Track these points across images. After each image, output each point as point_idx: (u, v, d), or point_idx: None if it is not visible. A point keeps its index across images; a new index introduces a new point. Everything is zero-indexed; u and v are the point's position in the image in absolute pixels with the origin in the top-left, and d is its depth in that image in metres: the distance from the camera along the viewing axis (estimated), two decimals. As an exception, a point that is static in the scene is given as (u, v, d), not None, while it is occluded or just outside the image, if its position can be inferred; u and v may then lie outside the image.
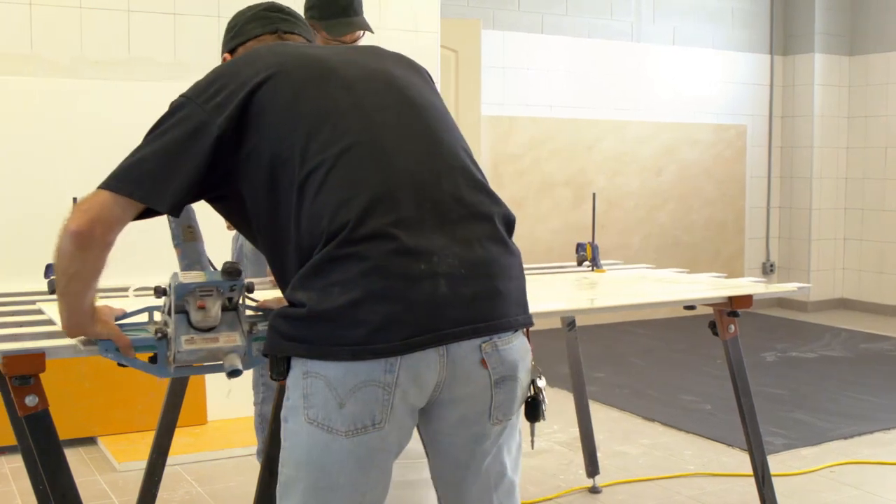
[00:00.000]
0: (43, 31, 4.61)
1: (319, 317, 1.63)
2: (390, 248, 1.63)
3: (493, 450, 1.82)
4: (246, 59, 1.86)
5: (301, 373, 1.66)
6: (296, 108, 1.75)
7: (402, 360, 1.63)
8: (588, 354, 4.84)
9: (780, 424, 4.86)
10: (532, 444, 2.04)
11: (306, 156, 1.70)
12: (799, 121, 8.70)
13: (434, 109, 1.87)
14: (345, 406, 1.63)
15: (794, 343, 7.17)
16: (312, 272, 1.65)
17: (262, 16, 2.10)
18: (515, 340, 1.79)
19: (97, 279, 1.77)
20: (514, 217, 1.84)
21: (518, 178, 7.53)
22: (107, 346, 1.91)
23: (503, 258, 1.76)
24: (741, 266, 8.68)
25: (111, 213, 1.70)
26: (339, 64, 1.85)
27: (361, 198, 1.66)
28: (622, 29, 7.95)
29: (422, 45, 5.49)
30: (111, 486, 3.93)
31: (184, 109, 1.76)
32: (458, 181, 1.77)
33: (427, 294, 1.64)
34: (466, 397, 1.74)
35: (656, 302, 3.09)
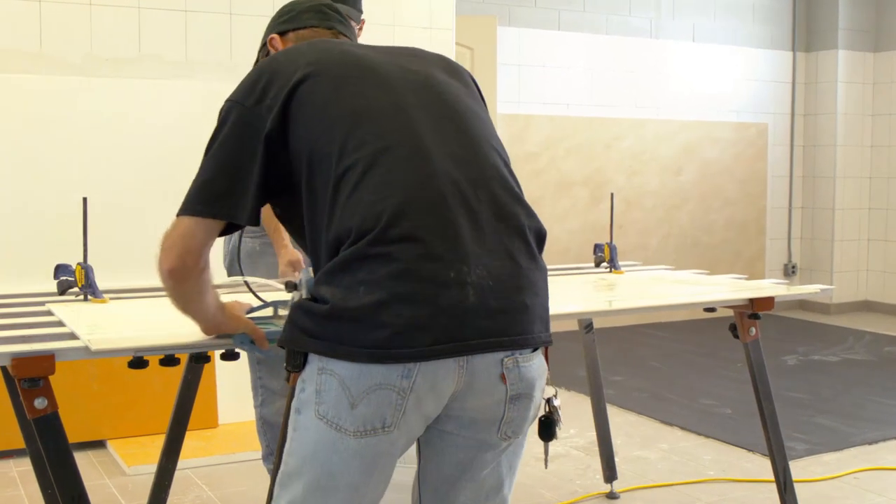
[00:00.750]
0: (52, 29, 4.58)
1: (343, 315, 1.61)
2: (421, 253, 1.62)
3: (493, 462, 1.80)
4: (287, 55, 1.85)
5: (317, 368, 1.64)
6: (335, 104, 1.74)
7: (420, 366, 1.61)
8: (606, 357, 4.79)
9: (801, 429, 4.78)
10: (546, 464, 2.04)
11: (344, 153, 1.69)
12: (822, 119, 8.60)
13: (474, 115, 1.86)
14: (356, 407, 1.61)
15: (816, 346, 7.09)
16: (339, 268, 1.63)
17: (320, 9, 2.11)
18: (536, 358, 1.77)
19: (209, 291, 1.82)
20: (545, 231, 1.82)
21: (535, 177, 7.47)
22: (242, 339, 1.98)
23: (532, 273, 1.74)
24: (762, 267, 8.59)
25: (196, 239, 1.72)
26: (380, 64, 1.84)
27: (396, 198, 1.64)
28: (641, 25, 7.87)
29: (437, 42, 5.44)
30: (120, 490, 3.90)
31: (234, 115, 1.76)
32: (495, 190, 1.75)
33: (454, 302, 1.62)
34: (479, 408, 1.72)
35: (676, 304, 3.03)
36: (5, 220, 4.39)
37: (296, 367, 1.68)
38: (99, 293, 2.67)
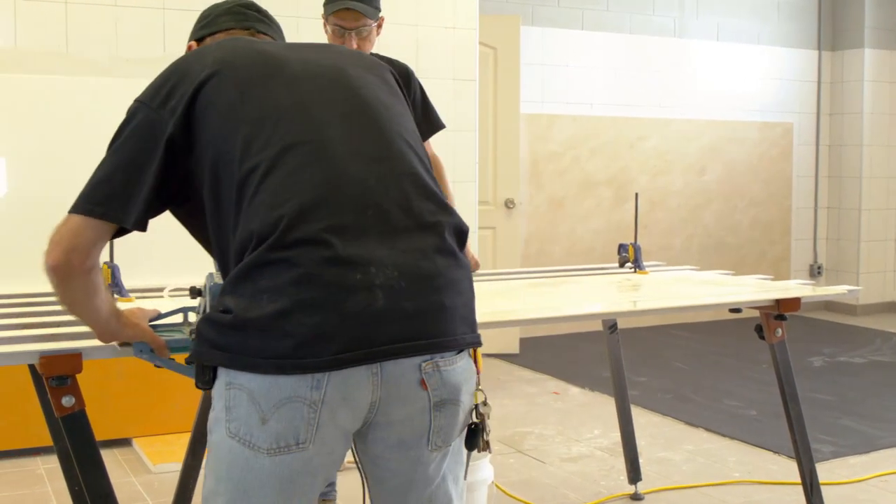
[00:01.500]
0: (78, 30, 4.61)
1: (246, 325, 1.54)
2: (324, 256, 1.54)
3: (436, 478, 1.71)
4: (195, 55, 1.79)
5: (225, 383, 1.58)
6: (239, 105, 1.68)
7: (329, 376, 1.53)
8: (630, 358, 4.78)
9: (827, 431, 4.75)
10: (465, 475, 1.81)
11: (246, 155, 1.63)
12: (848, 118, 8.53)
13: (387, 111, 1.78)
14: (267, 422, 1.54)
15: (842, 347, 7.03)
16: (242, 277, 1.57)
17: (237, 10, 2.02)
18: (460, 361, 1.67)
19: (98, 295, 1.73)
20: (466, 227, 1.74)
21: (558, 176, 7.45)
22: (141, 348, 1.91)
23: (451, 271, 1.66)
24: (787, 268, 8.54)
25: (84, 238, 1.64)
26: (289, 60, 1.77)
27: (297, 200, 1.58)
28: (665, 24, 7.84)
29: (460, 41, 5.44)
30: (146, 488, 3.91)
31: (138, 116, 1.71)
32: (407, 188, 1.68)
33: (361, 307, 1.54)
34: (404, 419, 1.63)
35: (701, 304, 3.02)
36: (33, 220, 4.41)
37: (205, 384, 1.62)
38: (125, 292, 2.69)
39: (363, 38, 3.25)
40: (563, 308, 2.82)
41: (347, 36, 3.22)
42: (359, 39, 3.23)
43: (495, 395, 5.42)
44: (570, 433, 4.79)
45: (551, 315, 2.69)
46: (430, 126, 3.55)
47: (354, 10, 3.18)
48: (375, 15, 3.25)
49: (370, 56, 1.93)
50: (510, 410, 5.19)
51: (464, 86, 5.48)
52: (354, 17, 3.20)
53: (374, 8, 3.25)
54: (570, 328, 7.35)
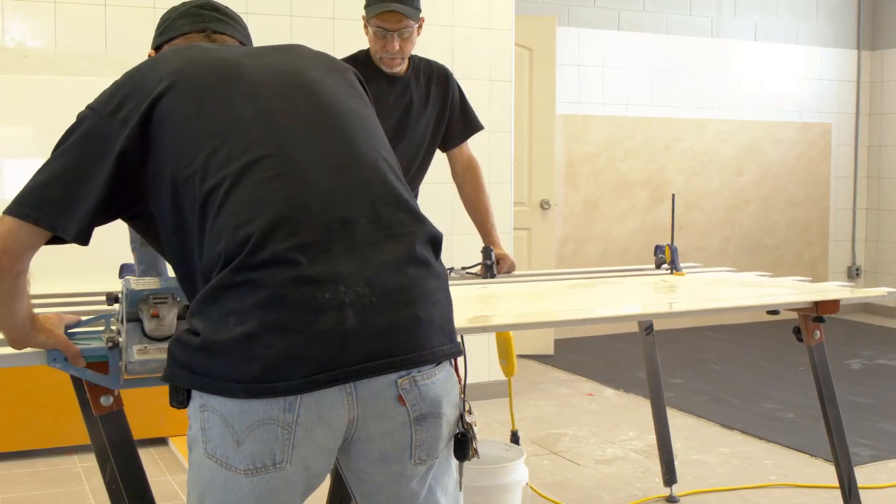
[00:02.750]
0: (117, 32, 4.65)
1: (214, 348, 1.50)
2: (291, 276, 1.50)
3: (422, 491, 1.66)
4: (149, 64, 1.72)
5: (199, 405, 1.54)
6: (196, 119, 1.62)
7: (302, 398, 1.50)
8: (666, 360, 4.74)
9: (866, 435, 4.69)
10: (460, 486, 1.75)
11: (207, 172, 1.57)
12: (888, 118, 8.43)
13: (353, 116, 1.73)
14: (242, 444, 1.51)
15: (881, 350, 6.95)
16: (208, 298, 1.52)
17: (193, 12, 1.93)
18: (440, 373, 1.63)
19: (20, 301, 1.69)
20: (440, 235, 1.68)
21: (593, 177, 7.42)
22: (54, 356, 1.86)
23: (425, 282, 1.61)
24: (825, 270, 8.45)
25: (17, 241, 1.59)
26: (247, 68, 1.71)
27: (262, 218, 1.52)
28: (702, 24, 7.79)
29: (496, 42, 5.43)
30: (181, 487, 3.94)
31: (87, 123, 1.65)
32: (375, 198, 1.62)
33: (331, 327, 1.49)
34: (384, 434, 1.59)
35: (738, 306, 3.00)
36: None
37: (180, 404, 1.58)
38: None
39: (405, 39, 3.25)
40: (599, 309, 2.80)
41: (390, 37, 3.22)
42: (401, 40, 3.24)
43: (530, 396, 5.41)
44: (604, 435, 4.77)
45: (587, 316, 2.68)
46: (468, 128, 3.55)
47: (397, 11, 3.18)
48: (417, 16, 3.25)
49: (332, 57, 1.88)
50: (544, 412, 5.18)
51: (499, 87, 5.47)
52: (397, 19, 3.20)
53: (416, 9, 3.25)
54: (606, 329, 7.32)
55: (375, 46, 3.28)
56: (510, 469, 3.23)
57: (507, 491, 3.22)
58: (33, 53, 4.56)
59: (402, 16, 3.19)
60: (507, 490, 3.22)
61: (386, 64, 3.30)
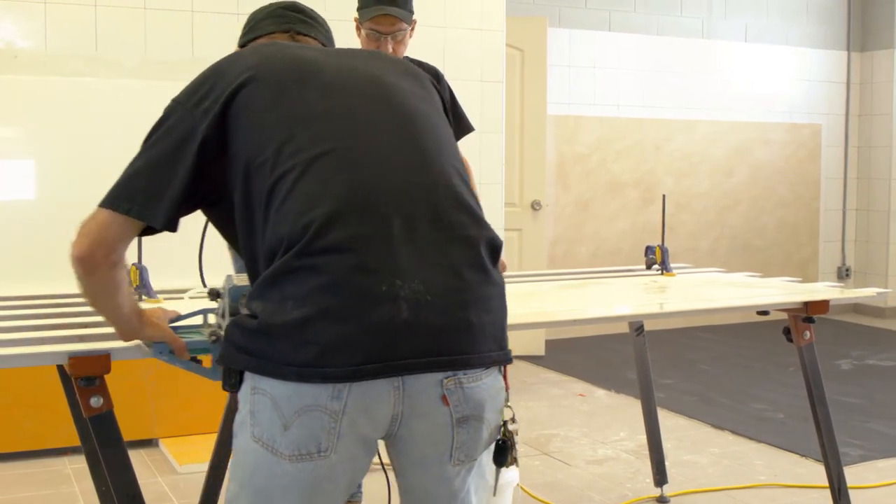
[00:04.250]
0: (108, 33, 4.65)
1: (271, 331, 1.54)
2: (350, 264, 1.53)
3: (461, 492, 1.71)
4: (232, 58, 1.79)
5: (250, 387, 1.58)
6: (273, 110, 1.68)
7: (351, 387, 1.53)
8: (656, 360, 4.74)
9: (855, 435, 4.71)
10: (494, 491, 1.81)
11: (278, 160, 1.62)
12: (877, 119, 8.46)
13: (425, 120, 1.76)
14: (289, 428, 1.54)
15: (870, 350, 6.97)
16: (269, 282, 1.56)
17: (279, 13, 2.01)
18: (486, 378, 1.65)
19: (120, 291, 1.73)
20: (500, 242, 1.71)
21: (584, 178, 7.43)
22: (161, 349, 1.91)
23: (482, 288, 1.64)
24: (815, 270, 8.47)
25: (111, 232, 1.65)
26: (325, 66, 1.76)
27: (326, 206, 1.56)
28: (692, 25, 7.80)
29: (487, 43, 5.43)
30: (172, 489, 3.93)
31: (173, 116, 1.71)
32: (440, 199, 1.65)
33: (385, 319, 1.52)
34: (426, 436, 1.63)
35: (728, 307, 3.01)
36: (61, 221, 4.45)
37: (231, 387, 1.62)
38: (153, 293, 2.70)
39: (398, 41, 3.25)
40: (590, 310, 2.81)
41: (383, 40, 3.22)
42: (394, 43, 3.24)
43: (521, 397, 5.41)
44: (595, 435, 4.77)
45: (577, 317, 2.69)
46: (458, 129, 3.55)
47: (391, 14, 3.18)
48: (410, 18, 3.25)
49: (408, 63, 1.92)
50: (536, 412, 5.18)
51: (491, 87, 5.48)
52: (391, 22, 3.20)
53: (409, 11, 3.25)
54: (597, 330, 7.32)
55: (368, 49, 3.28)
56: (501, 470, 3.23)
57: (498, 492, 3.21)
58: (23, 54, 4.55)
59: (396, 19, 3.19)
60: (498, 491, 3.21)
61: None
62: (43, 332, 2.17)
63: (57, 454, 4.30)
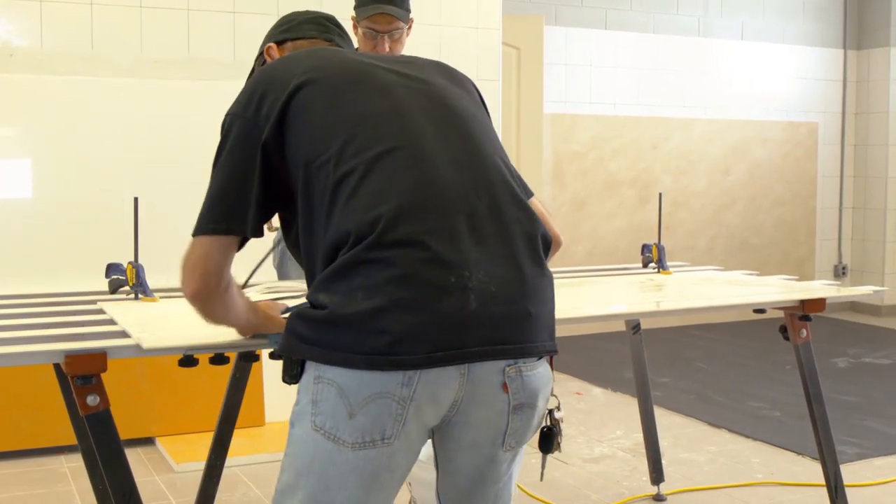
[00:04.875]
0: (103, 32, 4.64)
1: (340, 321, 1.57)
2: (421, 257, 1.58)
3: (504, 477, 1.78)
4: (284, 63, 1.83)
5: (313, 377, 1.61)
6: (333, 111, 1.72)
7: (421, 374, 1.57)
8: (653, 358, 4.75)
9: (852, 433, 4.71)
10: (542, 476, 1.95)
11: (341, 159, 1.66)
12: (874, 117, 8.46)
13: (475, 121, 1.82)
14: (355, 416, 1.57)
15: (867, 348, 6.98)
16: (337, 274, 1.60)
17: (321, 22, 2.08)
18: (540, 367, 1.73)
19: (237, 305, 1.81)
20: (551, 237, 1.79)
21: (581, 176, 7.43)
22: (277, 339, 1.93)
23: (538, 280, 1.71)
24: (812, 268, 8.48)
25: (213, 260, 1.70)
26: (378, 69, 1.82)
27: (394, 202, 1.61)
28: (689, 24, 7.81)
29: (483, 42, 5.43)
30: (169, 487, 3.93)
31: (234, 128, 1.75)
32: (498, 195, 1.71)
33: (455, 308, 1.58)
34: (482, 421, 1.68)
35: (725, 305, 3.00)
36: (58, 220, 4.46)
37: (293, 378, 1.65)
38: (150, 292, 2.70)
39: (395, 40, 3.25)
40: (586, 308, 2.81)
41: (380, 39, 3.22)
42: (391, 42, 3.24)
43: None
44: (592, 433, 4.78)
45: (574, 315, 2.69)
46: None
47: (388, 13, 3.18)
48: (407, 17, 3.25)
49: (452, 67, 1.97)
50: (532, 411, 5.18)
51: (487, 86, 5.47)
52: (388, 21, 3.20)
53: (406, 10, 3.25)
54: (593, 328, 7.32)
55: (365, 47, 3.27)
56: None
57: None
58: (19, 52, 4.54)
59: (393, 18, 3.19)
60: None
61: None
62: (39, 331, 2.17)
63: (54, 453, 4.30)
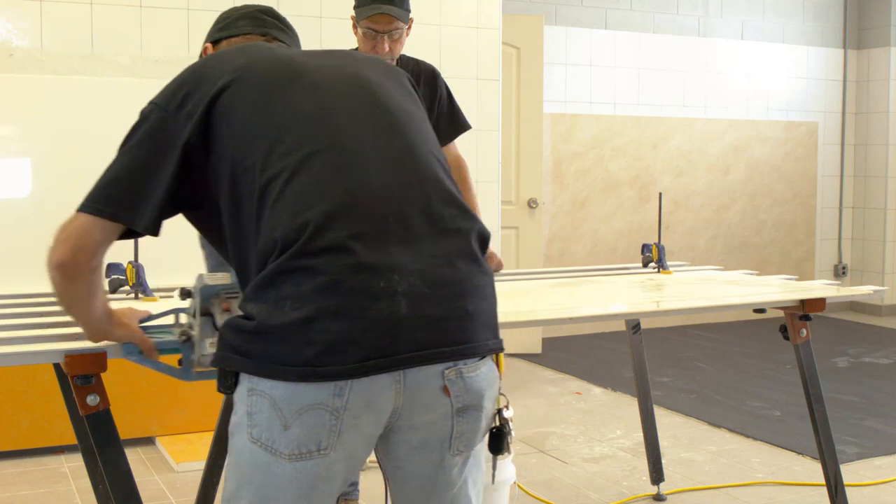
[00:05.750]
0: (103, 31, 4.64)
1: (269, 332, 1.54)
2: (347, 263, 1.54)
3: (458, 481, 1.71)
4: (213, 59, 1.78)
5: (247, 389, 1.57)
6: (259, 112, 1.67)
7: (353, 384, 1.53)
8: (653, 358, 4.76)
9: (852, 433, 4.71)
10: (493, 479, 1.82)
11: (268, 163, 1.62)
12: (874, 117, 8.46)
13: (408, 116, 1.78)
14: (290, 428, 1.54)
15: (867, 348, 6.98)
16: (266, 283, 1.56)
17: (256, 16, 2.02)
18: (483, 367, 1.67)
19: (97, 295, 1.74)
20: (489, 233, 1.74)
21: (581, 176, 7.43)
22: (130, 349, 1.90)
23: (475, 277, 1.66)
24: (812, 268, 8.48)
25: (91, 237, 1.65)
26: (308, 67, 1.77)
27: (320, 207, 1.57)
28: (689, 23, 7.81)
29: (483, 41, 5.43)
30: (169, 487, 3.93)
31: (152, 118, 1.70)
32: (429, 194, 1.67)
33: (385, 314, 1.54)
34: (426, 425, 1.64)
35: (725, 305, 3.00)
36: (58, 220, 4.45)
37: (227, 389, 1.61)
38: (149, 291, 2.70)
39: (395, 40, 3.24)
40: (586, 308, 2.81)
41: (380, 39, 3.22)
42: (391, 42, 3.23)
43: (518, 395, 5.42)
44: (592, 433, 4.77)
45: (574, 315, 2.69)
46: (455, 127, 3.54)
47: (388, 14, 3.17)
48: (406, 17, 3.25)
49: (387, 61, 1.93)
50: (532, 410, 5.18)
51: (487, 86, 5.47)
52: (388, 21, 3.19)
53: (406, 10, 3.24)
54: (593, 328, 7.33)
55: (365, 47, 3.27)
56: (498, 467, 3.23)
57: (495, 489, 3.22)
58: (19, 52, 4.54)
59: (393, 18, 3.19)
60: (494, 488, 3.21)
61: None
62: (39, 331, 2.17)
63: (54, 452, 4.30)
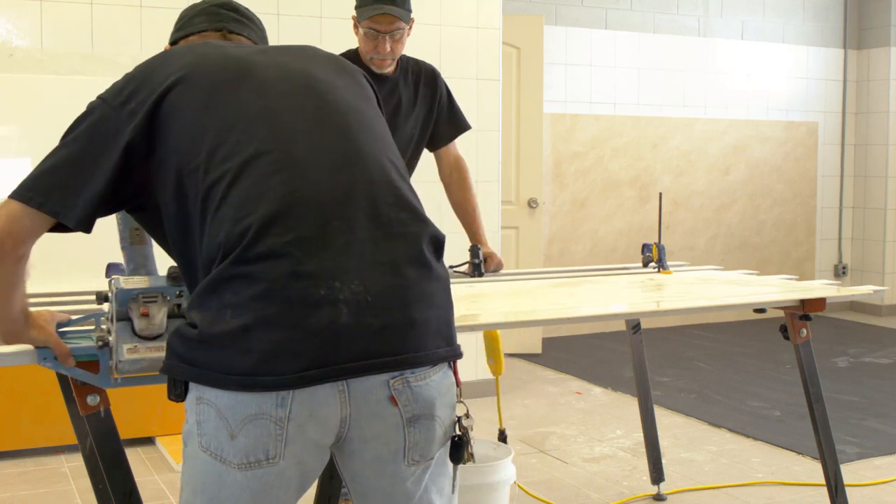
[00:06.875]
0: (103, 31, 4.64)
1: (211, 340, 1.51)
2: (286, 270, 1.50)
3: (417, 492, 1.65)
4: (162, 59, 1.74)
5: (195, 397, 1.55)
6: (204, 113, 1.64)
7: (294, 394, 1.50)
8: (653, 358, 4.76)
9: (852, 433, 4.71)
10: (453, 489, 1.74)
11: (210, 166, 1.58)
12: (874, 117, 8.46)
13: (358, 115, 1.74)
14: (236, 438, 1.52)
15: (867, 348, 6.98)
16: (208, 290, 1.53)
17: (212, 11, 1.96)
18: (434, 375, 1.62)
19: (18, 288, 1.69)
20: (442, 236, 1.68)
21: (581, 176, 7.43)
22: (45, 355, 1.85)
23: (424, 284, 1.61)
24: (812, 268, 8.48)
25: (21, 225, 1.60)
26: (258, 66, 1.73)
27: (261, 212, 1.53)
28: (689, 24, 7.80)
29: (483, 41, 5.43)
30: (169, 487, 3.93)
31: (96, 113, 1.66)
32: (377, 196, 1.62)
33: (325, 323, 1.50)
34: (377, 436, 1.59)
35: (725, 305, 3.00)
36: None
37: (178, 397, 1.58)
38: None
39: (396, 40, 3.25)
40: (586, 308, 2.80)
41: (381, 39, 3.22)
42: (392, 42, 3.23)
43: (518, 394, 5.41)
44: (592, 433, 4.77)
45: (574, 315, 2.69)
46: (455, 128, 3.55)
47: (390, 14, 3.17)
48: (408, 17, 3.25)
49: (343, 59, 1.89)
50: (532, 410, 5.18)
51: (487, 85, 5.47)
52: (389, 21, 3.20)
53: (407, 10, 3.24)
54: (593, 328, 7.33)
55: (366, 47, 3.27)
56: (498, 468, 3.24)
57: (495, 489, 3.22)
58: (19, 52, 4.54)
59: (394, 18, 3.19)
60: (494, 489, 3.22)
61: (376, 65, 3.29)
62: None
63: (54, 452, 4.30)
